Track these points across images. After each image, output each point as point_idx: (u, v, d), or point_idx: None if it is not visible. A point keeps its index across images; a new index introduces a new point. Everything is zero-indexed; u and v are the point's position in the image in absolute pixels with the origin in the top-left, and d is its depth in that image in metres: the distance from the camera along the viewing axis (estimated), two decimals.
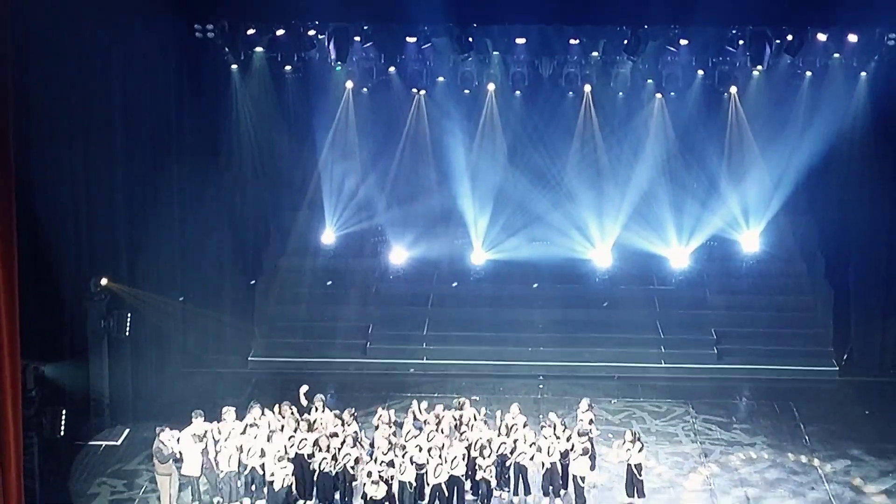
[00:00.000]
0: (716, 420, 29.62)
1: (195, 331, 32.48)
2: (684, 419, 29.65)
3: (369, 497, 23.86)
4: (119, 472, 26.63)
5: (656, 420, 29.55)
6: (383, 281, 35.72)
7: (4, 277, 22.08)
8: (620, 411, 30.04)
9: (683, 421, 29.55)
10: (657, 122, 34.46)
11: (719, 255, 35.35)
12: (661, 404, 30.51)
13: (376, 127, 35.34)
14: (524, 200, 35.23)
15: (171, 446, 24.37)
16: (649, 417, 29.70)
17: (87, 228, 27.55)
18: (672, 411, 30.10)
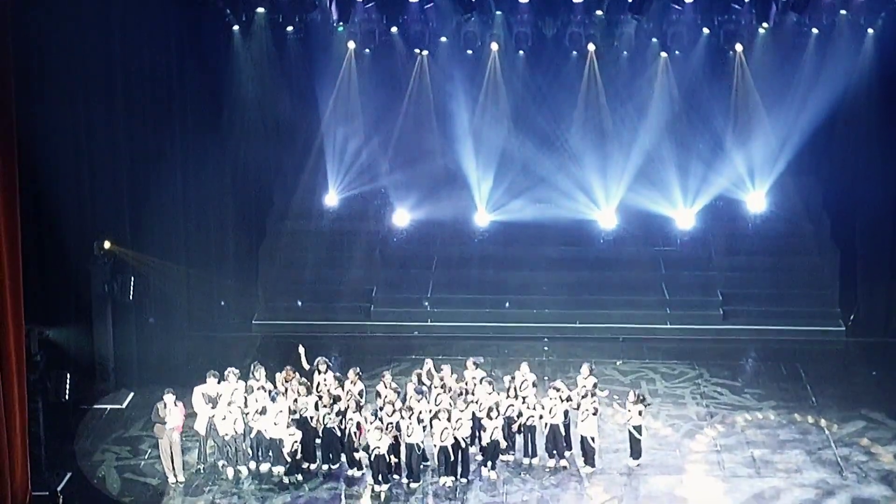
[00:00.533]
0: (722, 381, 29.57)
1: (199, 294, 32.37)
2: (690, 381, 29.59)
3: (373, 450, 23.85)
4: (123, 437, 26.60)
5: (662, 382, 29.49)
6: (387, 243, 35.63)
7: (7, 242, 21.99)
8: (627, 373, 29.97)
9: (689, 382, 29.50)
10: (662, 81, 34.24)
11: (725, 215, 35.21)
12: (666, 366, 30.44)
13: (379, 88, 35.15)
14: (528, 162, 35.09)
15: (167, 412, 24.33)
16: (654, 379, 29.63)
17: (89, 192, 27.40)
18: (677, 373, 30.04)
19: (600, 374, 28.94)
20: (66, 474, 24.78)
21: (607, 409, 26.42)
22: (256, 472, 24.90)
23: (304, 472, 24.75)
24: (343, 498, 24.21)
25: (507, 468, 25.15)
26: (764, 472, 25.10)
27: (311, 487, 24.50)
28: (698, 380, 29.63)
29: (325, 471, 24.87)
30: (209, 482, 24.61)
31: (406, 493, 24.22)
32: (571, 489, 24.48)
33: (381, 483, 24.14)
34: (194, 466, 24.93)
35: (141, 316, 29.28)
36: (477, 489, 24.42)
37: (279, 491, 24.34)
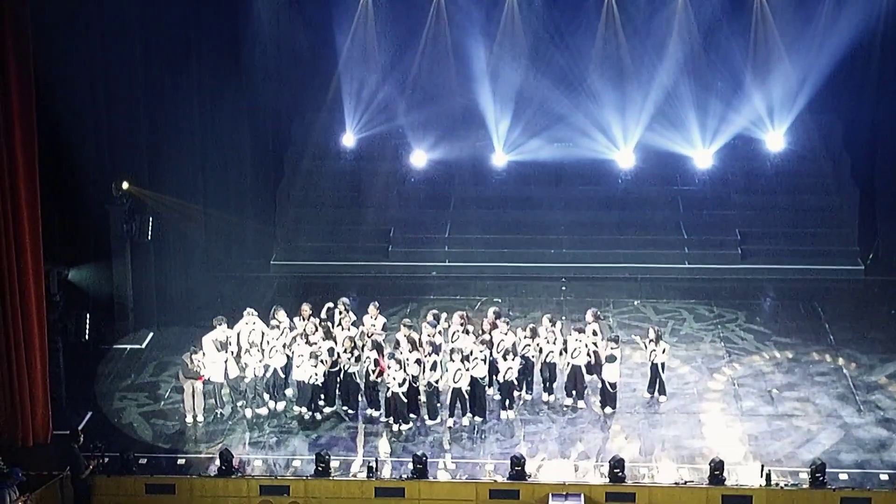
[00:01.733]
0: (740, 321, 29.56)
1: (217, 235, 32.42)
2: (708, 320, 29.60)
3: (390, 391, 23.99)
4: (143, 376, 26.77)
5: (680, 321, 29.49)
6: (404, 183, 35.56)
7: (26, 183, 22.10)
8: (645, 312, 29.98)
9: (707, 322, 29.50)
10: (681, 20, 33.89)
11: (743, 154, 34.98)
12: (684, 305, 30.43)
13: (396, 28, 34.89)
14: (546, 101, 34.81)
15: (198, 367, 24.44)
16: (672, 318, 29.63)
17: (107, 134, 27.43)
18: (695, 312, 30.03)
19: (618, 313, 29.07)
20: (86, 414, 25.00)
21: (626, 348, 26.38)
22: (275, 411, 25.05)
23: (322, 412, 24.89)
24: (362, 437, 24.36)
25: (525, 407, 25.25)
26: (781, 409, 25.19)
27: (330, 427, 24.66)
28: (716, 319, 29.63)
29: (343, 411, 24.99)
30: (229, 422, 24.78)
31: (424, 432, 24.38)
32: (590, 428, 24.66)
33: (400, 422, 24.26)
34: (213, 409, 25.07)
35: (160, 256, 29.33)
36: (494, 428, 24.57)
37: (299, 430, 24.51)
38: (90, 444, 22.39)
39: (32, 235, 22.55)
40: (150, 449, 23.93)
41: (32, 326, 22.82)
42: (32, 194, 22.58)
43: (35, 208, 22.65)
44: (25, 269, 22.60)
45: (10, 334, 22.54)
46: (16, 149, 22.07)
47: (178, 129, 30.02)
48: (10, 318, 22.55)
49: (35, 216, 22.61)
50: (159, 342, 27.98)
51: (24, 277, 22.64)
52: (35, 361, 23.01)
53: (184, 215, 30.16)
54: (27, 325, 22.68)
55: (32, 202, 22.60)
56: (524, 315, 28.98)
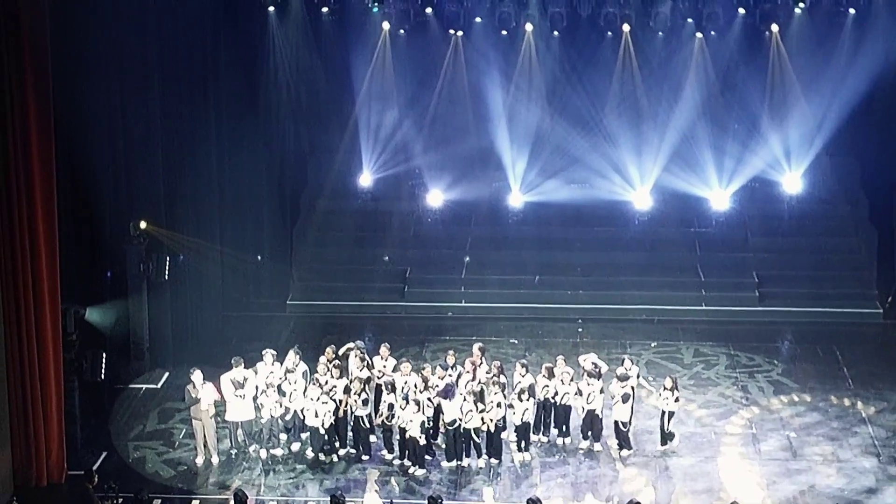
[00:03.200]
0: (757, 363, 29.42)
1: (234, 274, 32.45)
2: (725, 363, 29.46)
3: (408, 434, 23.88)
4: (158, 416, 26.71)
5: (697, 363, 29.36)
6: (421, 224, 35.60)
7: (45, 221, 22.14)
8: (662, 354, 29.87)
9: (724, 364, 29.36)
10: (697, 61, 34.01)
11: (761, 196, 34.98)
12: (701, 347, 30.31)
13: (413, 69, 35.10)
14: (563, 142, 34.93)
15: (199, 391, 24.37)
16: (690, 361, 29.50)
17: (125, 171, 27.50)
18: (713, 354, 29.91)
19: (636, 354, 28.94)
20: (101, 453, 24.93)
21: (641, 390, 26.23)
22: (289, 454, 24.95)
23: (336, 454, 24.78)
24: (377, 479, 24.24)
25: (541, 449, 25.13)
26: (799, 454, 25.02)
27: (344, 469, 24.54)
28: (734, 362, 29.50)
29: (356, 454, 24.86)
30: (242, 464, 24.68)
31: (439, 473, 24.24)
32: (605, 471, 24.47)
33: (414, 465, 24.14)
34: (227, 451, 24.96)
35: (176, 296, 29.35)
36: (509, 470, 24.43)
37: (312, 473, 24.38)
38: (104, 484, 22.26)
39: (50, 274, 22.57)
40: (165, 489, 23.81)
41: (48, 365, 22.81)
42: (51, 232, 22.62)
43: (53, 247, 22.68)
44: (42, 308, 22.61)
45: (27, 373, 22.54)
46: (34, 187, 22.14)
47: (196, 169, 30.12)
48: (27, 357, 22.56)
49: (53, 254, 22.63)
50: (175, 382, 27.92)
51: (40, 316, 22.64)
52: (51, 400, 22.98)
53: (200, 255, 30.21)
54: (43, 364, 22.67)
55: (50, 240, 22.64)
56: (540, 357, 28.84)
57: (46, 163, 22.20)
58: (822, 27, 32.93)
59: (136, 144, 27.77)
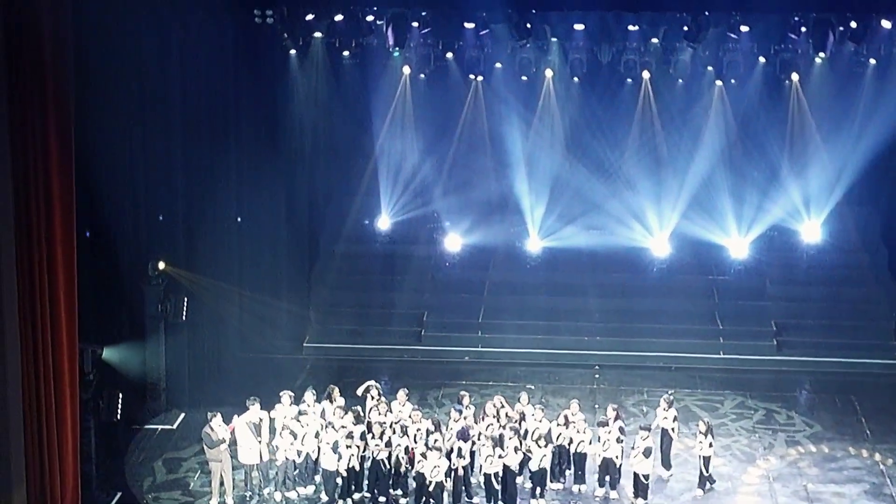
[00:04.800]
0: (775, 413, 29.28)
1: (251, 316, 32.47)
2: (743, 411, 29.32)
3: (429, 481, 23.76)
4: (174, 457, 26.66)
5: (714, 412, 29.22)
6: (439, 268, 35.65)
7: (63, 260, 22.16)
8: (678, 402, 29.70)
9: (742, 413, 29.22)
10: (717, 109, 34.10)
11: (779, 245, 34.98)
12: (719, 396, 30.18)
13: (433, 113, 35.24)
14: (581, 188, 34.99)
15: (219, 433, 24.34)
16: (706, 409, 29.37)
17: (145, 212, 27.61)
18: (730, 403, 29.77)
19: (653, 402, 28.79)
20: (116, 493, 24.89)
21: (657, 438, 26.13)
22: (304, 496, 24.87)
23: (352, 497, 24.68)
24: None
25: (556, 496, 25.00)
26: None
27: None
28: (751, 411, 29.36)
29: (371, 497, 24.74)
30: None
31: None
32: None
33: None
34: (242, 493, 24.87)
35: (193, 337, 29.38)
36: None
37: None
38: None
39: (68, 314, 22.57)
40: None
41: (65, 405, 22.77)
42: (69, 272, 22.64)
43: (71, 286, 22.69)
44: (60, 348, 22.60)
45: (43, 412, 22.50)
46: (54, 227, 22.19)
47: (215, 211, 30.24)
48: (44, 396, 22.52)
49: (71, 295, 22.64)
50: (191, 423, 27.88)
51: (58, 355, 22.63)
52: (66, 439, 22.94)
53: (218, 296, 30.25)
54: (60, 403, 22.64)
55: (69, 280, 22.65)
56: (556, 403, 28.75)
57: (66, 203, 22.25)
58: (842, 77, 32.96)
59: (157, 185, 27.91)
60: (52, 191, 21.93)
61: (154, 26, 27.12)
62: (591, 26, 31.95)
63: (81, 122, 22.72)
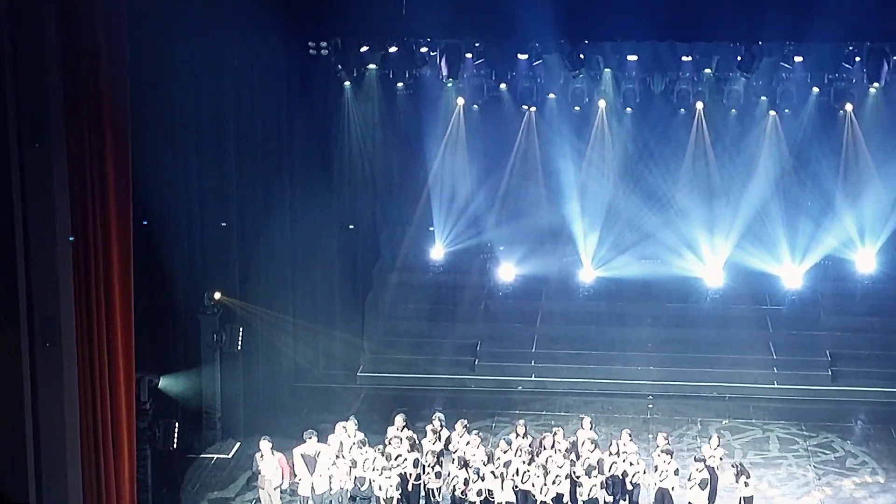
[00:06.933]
0: (829, 443, 29.12)
1: (305, 345, 32.68)
2: (797, 441, 29.18)
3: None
4: (229, 486, 26.84)
5: (769, 442, 29.09)
6: (492, 297, 35.73)
7: (121, 291, 22.43)
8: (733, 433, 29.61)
9: (796, 443, 29.07)
10: (771, 139, 34.07)
11: (834, 274, 34.83)
12: (773, 426, 30.04)
13: (486, 143, 35.42)
14: (634, 218, 35.02)
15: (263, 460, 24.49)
16: (760, 439, 29.24)
17: (200, 242, 27.89)
18: (785, 433, 29.62)
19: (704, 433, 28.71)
20: None
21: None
22: None
23: None
24: None
25: None
26: None
27: None
28: (806, 441, 29.21)
29: None
30: None
31: None
32: None
33: None
34: None
35: (248, 366, 29.60)
36: None
37: None
38: None
39: (125, 344, 22.82)
40: None
41: (122, 434, 23.01)
42: (126, 302, 22.89)
43: (128, 316, 22.94)
44: (117, 377, 22.84)
45: (101, 442, 22.73)
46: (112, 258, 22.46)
47: (270, 241, 30.47)
48: (101, 425, 22.75)
49: (128, 324, 22.89)
50: (246, 452, 28.07)
51: (115, 385, 22.86)
52: (123, 469, 23.14)
53: (273, 326, 30.48)
54: (117, 433, 22.87)
55: (126, 310, 22.90)
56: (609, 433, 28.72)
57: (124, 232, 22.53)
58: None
59: (212, 215, 28.20)
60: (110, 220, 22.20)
61: (210, 57, 27.45)
62: (644, 57, 32.01)
63: (138, 151, 22.99)
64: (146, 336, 24.61)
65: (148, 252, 25.16)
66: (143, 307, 23.74)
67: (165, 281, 26.50)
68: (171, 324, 27.15)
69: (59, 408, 20.99)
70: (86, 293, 21.75)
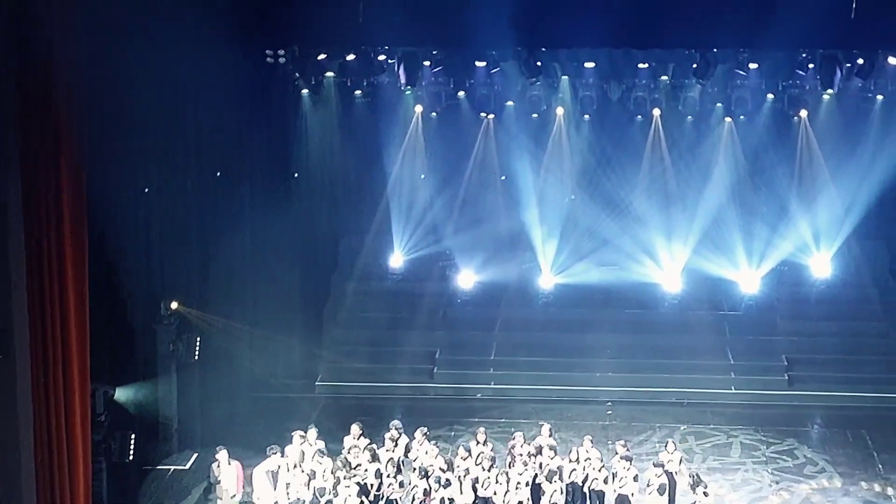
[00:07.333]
0: (787, 447, 29.25)
1: (263, 355, 32.57)
2: (755, 446, 29.31)
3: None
4: (186, 497, 26.71)
5: (726, 447, 29.22)
6: (451, 305, 35.73)
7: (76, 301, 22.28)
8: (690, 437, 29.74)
9: (754, 448, 29.20)
10: (726, 145, 34.28)
11: (790, 279, 35.05)
12: (731, 431, 30.16)
13: (445, 151, 35.42)
14: (592, 224, 35.13)
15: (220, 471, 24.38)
16: (718, 445, 29.37)
17: (158, 252, 27.74)
18: (742, 438, 29.75)
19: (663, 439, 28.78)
20: None
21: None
22: None
23: None
24: None
25: None
26: None
27: None
28: (763, 445, 29.35)
29: None
30: None
31: None
32: None
33: None
34: None
35: (205, 377, 29.47)
36: None
37: None
38: None
39: (80, 355, 22.67)
40: None
41: (77, 446, 22.84)
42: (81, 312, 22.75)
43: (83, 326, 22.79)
44: (72, 389, 22.67)
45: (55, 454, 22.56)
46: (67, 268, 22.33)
47: (227, 250, 30.35)
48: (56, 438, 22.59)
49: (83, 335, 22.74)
50: (203, 463, 27.88)
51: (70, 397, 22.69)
52: (78, 482, 22.97)
53: (230, 335, 30.36)
54: (72, 445, 22.71)
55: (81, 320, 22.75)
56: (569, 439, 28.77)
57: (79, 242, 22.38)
58: (850, 113, 33.20)
59: (169, 224, 28.06)
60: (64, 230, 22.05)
61: (167, 65, 27.28)
62: (601, 64, 32.18)
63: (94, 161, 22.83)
64: (102, 347, 24.42)
65: (103, 262, 24.98)
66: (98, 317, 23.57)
67: (121, 291, 26.32)
68: (127, 334, 26.96)
69: (13, 420, 20.81)
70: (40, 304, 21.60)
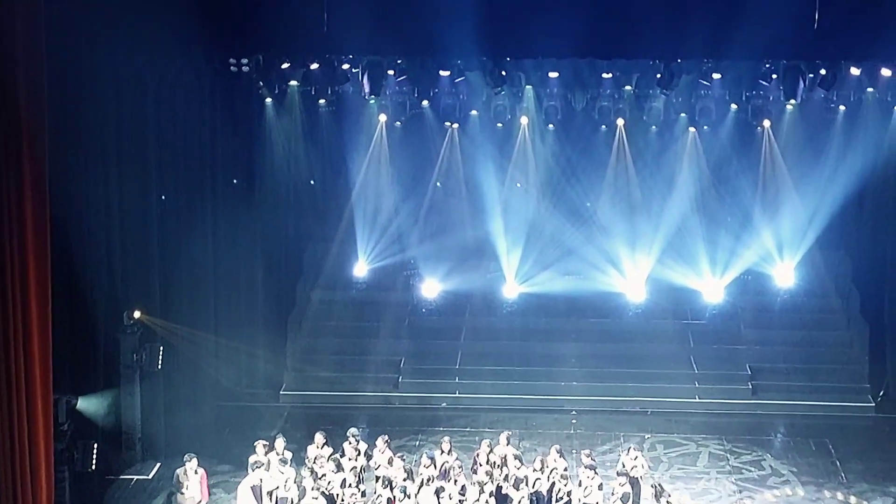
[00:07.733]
0: (751, 456, 29.35)
1: (227, 364, 32.45)
2: (718, 455, 29.39)
3: None
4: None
5: (690, 456, 29.29)
6: (416, 314, 35.69)
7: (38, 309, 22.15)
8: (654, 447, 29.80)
9: (717, 457, 29.29)
10: (690, 155, 34.40)
11: (753, 289, 35.19)
12: (694, 440, 30.25)
13: (409, 160, 35.42)
14: (557, 234, 35.19)
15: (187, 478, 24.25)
16: (682, 454, 29.44)
17: (120, 260, 27.61)
18: (706, 447, 29.84)
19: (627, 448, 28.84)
20: None
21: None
22: None
23: None
24: None
25: None
26: None
27: None
28: (727, 454, 29.43)
29: None
30: None
31: None
32: None
33: None
34: None
35: (169, 386, 29.33)
36: None
37: None
38: None
39: (42, 364, 22.53)
40: None
41: (39, 456, 22.69)
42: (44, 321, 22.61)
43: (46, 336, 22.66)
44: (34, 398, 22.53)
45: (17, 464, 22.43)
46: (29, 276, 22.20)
47: (191, 259, 30.28)
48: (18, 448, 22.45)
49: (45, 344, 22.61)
50: (166, 473, 27.77)
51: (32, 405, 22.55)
52: (41, 492, 22.83)
53: (194, 344, 30.24)
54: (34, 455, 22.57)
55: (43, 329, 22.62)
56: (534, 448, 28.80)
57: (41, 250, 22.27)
58: (813, 123, 33.38)
59: (132, 233, 27.93)
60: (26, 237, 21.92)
61: (131, 73, 27.22)
62: (566, 74, 32.14)
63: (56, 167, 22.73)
64: (64, 356, 24.29)
65: (66, 270, 24.83)
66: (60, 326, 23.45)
67: (84, 299, 26.16)
68: (89, 343, 26.80)
69: None
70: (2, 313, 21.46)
